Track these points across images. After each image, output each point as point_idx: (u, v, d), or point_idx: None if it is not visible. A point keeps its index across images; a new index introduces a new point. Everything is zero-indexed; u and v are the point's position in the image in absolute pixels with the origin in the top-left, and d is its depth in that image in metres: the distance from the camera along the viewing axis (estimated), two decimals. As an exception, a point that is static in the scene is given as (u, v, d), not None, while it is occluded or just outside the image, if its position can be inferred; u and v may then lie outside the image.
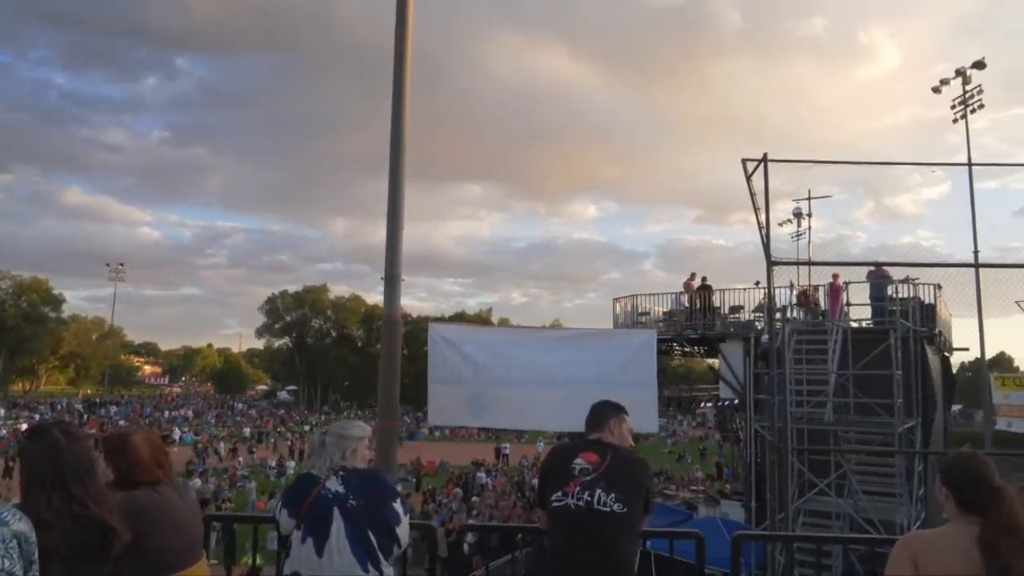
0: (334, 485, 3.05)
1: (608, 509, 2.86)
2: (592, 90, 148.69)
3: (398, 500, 3.14)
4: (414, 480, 30.71)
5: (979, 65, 29.38)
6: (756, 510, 15.40)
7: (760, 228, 9.84)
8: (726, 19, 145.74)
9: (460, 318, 78.50)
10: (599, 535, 2.85)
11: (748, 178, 10.32)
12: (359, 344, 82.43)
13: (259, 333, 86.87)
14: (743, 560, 3.73)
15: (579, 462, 3.01)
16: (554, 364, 8.62)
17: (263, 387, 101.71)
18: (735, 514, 17.15)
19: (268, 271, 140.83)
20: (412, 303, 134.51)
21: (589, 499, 2.88)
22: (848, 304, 15.59)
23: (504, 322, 79.50)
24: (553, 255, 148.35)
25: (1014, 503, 2.27)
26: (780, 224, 34.81)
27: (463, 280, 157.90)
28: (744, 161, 10.51)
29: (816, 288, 16.25)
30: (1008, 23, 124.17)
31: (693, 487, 25.80)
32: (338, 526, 2.94)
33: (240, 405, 74.96)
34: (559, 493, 2.95)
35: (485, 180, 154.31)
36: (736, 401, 17.50)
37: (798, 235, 34.03)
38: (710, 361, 20.68)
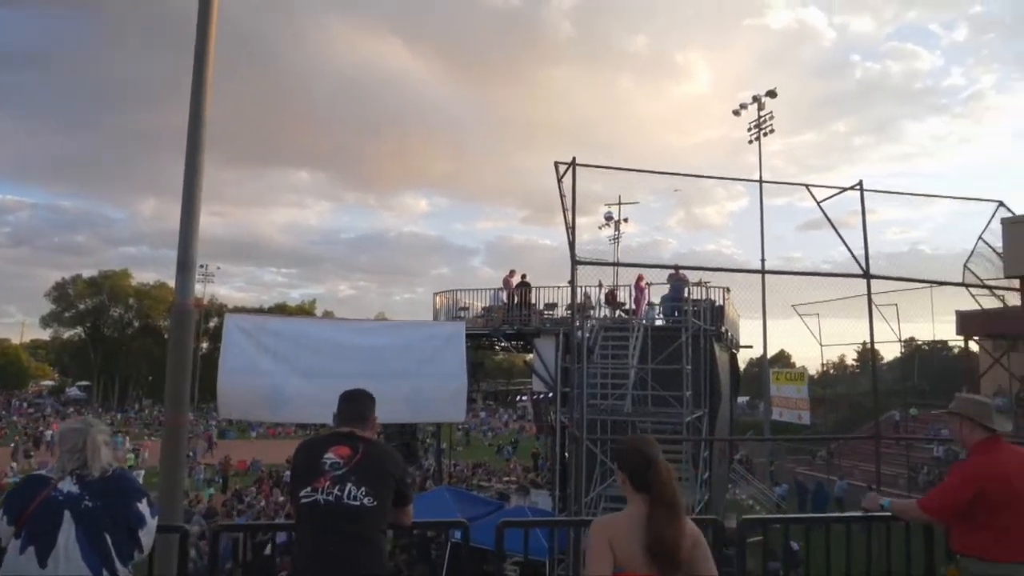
0: (67, 486, 2.78)
1: (358, 503, 2.84)
2: (427, 85, 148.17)
3: (144, 500, 2.91)
4: (221, 480, 28.98)
5: (772, 94, 33.03)
6: (562, 498, 16.13)
7: (567, 229, 10.27)
8: (558, 27, 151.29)
9: (281, 310, 75.22)
10: (349, 530, 2.82)
11: (559, 180, 10.74)
12: (165, 336, 76.14)
13: (45, 322, 77.48)
14: (523, 544, 3.82)
15: (330, 456, 2.96)
16: (362, 355, 8.45)
17: (49, 383, 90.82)
18: (544, 503, 17.85)
19: (59, 252, 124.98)
20: (229, 293, 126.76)
21: (339, 493, 2.85)
22: (650, 303, 16.77)
23: (328, 314, 77.09)
24: (383, 248, 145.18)
25: (666, 475, 2.56)
26: (600, 227, 36.84)
27: (287, 270, 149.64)
28: (556, 164, 10.94)
29: (622, 288, 17.33)
30: (801, 62, 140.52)
31: (507, 478, 26.60)
32: (68, 530, 2.67)
33: (19, 403, 66.54)
34: (308, 489, 2.88)
35: (315, 167, 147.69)
36: (550, 394, 18.22)
37: (615, 238, 36.19)
38: (528, 356, 21.40)
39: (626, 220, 35.58)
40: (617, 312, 17.38)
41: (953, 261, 15.33)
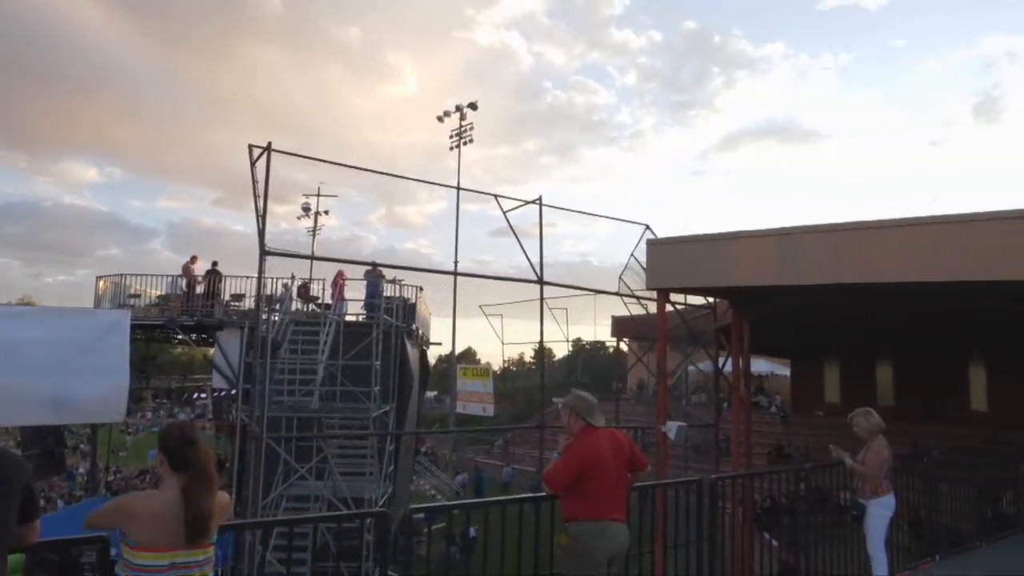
0: None
1: None
2: (107, 38, 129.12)
3: None
4: None
5: (473, 106, 35.11)
6: (240, 500, 15.24)
7: (258, 216, 9.76)
8: (266, 2, 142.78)
9: None
10: None
11: (252, 164, 10.19)
12: None
13: None
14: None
15: None
16: (-8, 347, 7.10)
17: None
18: (222, 507, 16.68)
19: None
20: None
21: None
22: (345, 299, 16.65)
23: (-48, 297, 63.25)
24: (34, 219, 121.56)
25: (205, 453, 2.79)
26: (299, 218, 35.66)
27: None
28: (251, 147, 10.35)
29: (315, 281, 16.96)
30: (501, 80, 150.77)
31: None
32: None
33: None
34: None
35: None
36: (233, 391, 17.10)
37: (314, 231, 35.34)
38: (209, 350, 19.79)
39: (327, 212, 34.91)
40: (310, 306, 16.96)
41: (613, 273, 17.81)
